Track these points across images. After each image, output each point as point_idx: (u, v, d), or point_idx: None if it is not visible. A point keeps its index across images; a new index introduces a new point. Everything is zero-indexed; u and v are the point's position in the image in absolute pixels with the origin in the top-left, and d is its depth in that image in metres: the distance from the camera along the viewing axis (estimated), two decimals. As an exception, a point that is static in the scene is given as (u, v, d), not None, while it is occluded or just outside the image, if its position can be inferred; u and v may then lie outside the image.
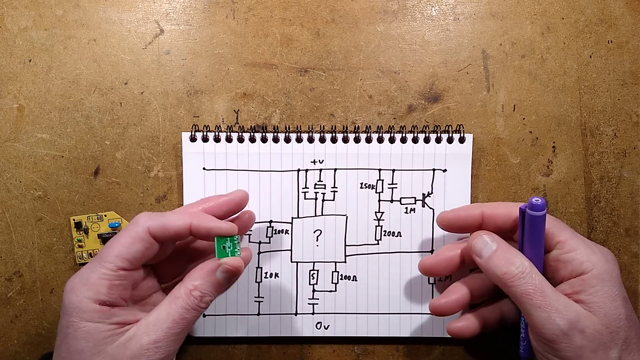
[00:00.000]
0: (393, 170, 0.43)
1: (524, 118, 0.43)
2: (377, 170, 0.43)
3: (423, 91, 0.43)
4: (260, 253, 0.43)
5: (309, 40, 0.43)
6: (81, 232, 0.43)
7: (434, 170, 0.43)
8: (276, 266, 0.43)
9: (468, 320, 0.40)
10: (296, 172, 0.43)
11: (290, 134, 0.42)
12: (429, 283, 0.43)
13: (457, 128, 0.43)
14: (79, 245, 0.43)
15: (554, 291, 0.34)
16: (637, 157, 0.43)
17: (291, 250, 0.43)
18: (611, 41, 0.43)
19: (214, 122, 0.43)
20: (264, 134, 0.42)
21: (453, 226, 0.39)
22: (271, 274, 0.43)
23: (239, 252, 0.36)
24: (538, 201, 0.35)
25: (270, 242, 0.43)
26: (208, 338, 0.43)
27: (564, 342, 0.33)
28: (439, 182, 0.43)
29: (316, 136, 0.42)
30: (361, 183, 0.43)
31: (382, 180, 0.43)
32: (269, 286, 0.43)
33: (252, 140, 0.42)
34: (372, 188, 0.43)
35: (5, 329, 0.43)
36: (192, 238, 0.40)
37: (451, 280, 0.43)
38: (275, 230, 0.43)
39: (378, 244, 0.43)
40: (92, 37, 0.43)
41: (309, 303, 0.43)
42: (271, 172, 0.43)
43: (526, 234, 0.36)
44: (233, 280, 0.36)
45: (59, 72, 0.43)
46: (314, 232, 0.43)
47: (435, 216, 0.42)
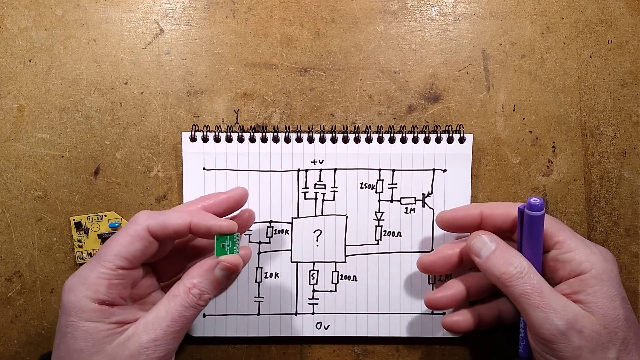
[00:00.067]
0: (393, 170, 0.43)
1: (524, 118, 0.43)
2: (377, 170, 0.43)
3: (423, 91, 0.43)
4: (260, 253, 0.43)
5: (309, 40, 0.43)
6: (81, 232, 0.43)
7: (434, 170, 0.42)
8: (276, 266, 0.43)
9: (463, 315, 0.40)
10: (296, 172, 0.43)
11: (290, 134, 0.42)
12: (429, 283, 0.43)
13: (457, 128, 0.43)
14: (79, 245, 0.43)
15: (552, 291, 0.34)
16: (637, 157, 0.43)
17: (291, 250, 0.43)
18: (611, 41, 0.43)
19: (214, 122, 0.43)
20: (264, 134, 0.42)
21: (452, 226, 0.39)
22: (271, 274, 0.43)
23: (238, 251, 0.36)
24: (536, 201, 0.35)
25: (270, 242, 0.43)
26: (208, 338, 0.43)
27: (562, 342, 0.33)
28: (439, 182, 0.42)
29: (316, 136, 0.42)
30: (361, 183, 0.43)
31: (382, 180, 0.43)
32: (269, 286, 0.43)
33: (252, 140, 0.42)
34: (372, 188, 0.43)
35: (5, 329, 0.44)
36: (191, 236, 0.40)
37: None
38: (275, 230, 0.43)
39: (378, 244, 0.43)
40: (92, 37, 0.43)
41: (309, 303, 0.43)
42: (271, 172, 0.43)
43: (525, 234, 0.36)
44: (232, 278, 0.36)
45: (59, 72, 0.43)
46: (314, 232, 0.43)
47: (435, 216, 0.42)
